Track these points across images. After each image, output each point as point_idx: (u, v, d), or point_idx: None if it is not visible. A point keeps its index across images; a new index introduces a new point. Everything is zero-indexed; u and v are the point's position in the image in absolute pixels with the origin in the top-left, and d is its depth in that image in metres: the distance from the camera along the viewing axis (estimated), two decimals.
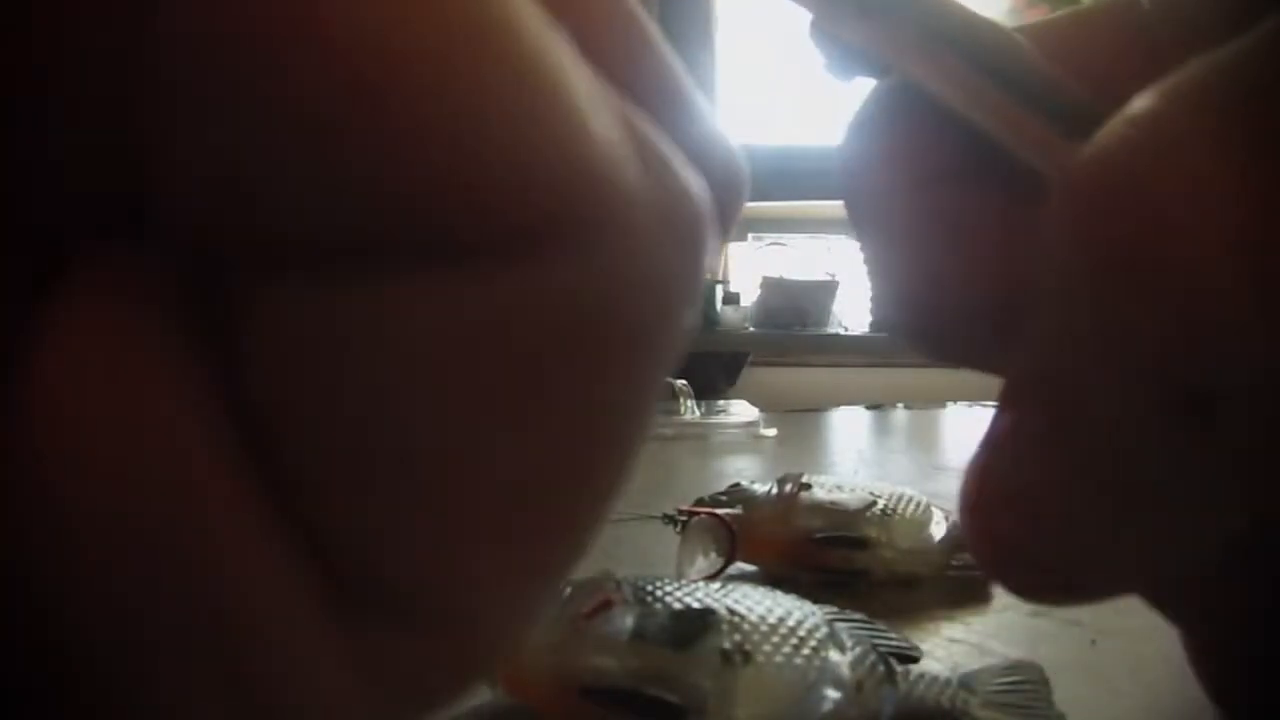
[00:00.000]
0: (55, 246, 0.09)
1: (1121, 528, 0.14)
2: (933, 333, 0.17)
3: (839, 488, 0.58)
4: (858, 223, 0.18)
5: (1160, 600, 0.16)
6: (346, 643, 0.10)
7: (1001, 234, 0.16)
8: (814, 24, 0.18)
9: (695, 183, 0.11)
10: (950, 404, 1.49)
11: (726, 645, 0.35)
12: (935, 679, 0.38)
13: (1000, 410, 0.15)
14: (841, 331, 2.17)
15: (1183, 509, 0.14)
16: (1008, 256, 0.16)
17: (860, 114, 0.18)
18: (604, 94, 0.10)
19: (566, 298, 0.09)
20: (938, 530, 0.57)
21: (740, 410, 1.21)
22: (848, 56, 0.18)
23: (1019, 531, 0.15)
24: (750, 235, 2.24)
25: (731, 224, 0.13)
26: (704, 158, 0.12)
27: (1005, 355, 0.16)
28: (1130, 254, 0.13)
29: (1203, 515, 0.14)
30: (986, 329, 0.16)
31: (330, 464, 0.09)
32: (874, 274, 0.18)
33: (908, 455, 1.18)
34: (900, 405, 1.44)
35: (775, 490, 0.57)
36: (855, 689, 0.36)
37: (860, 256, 0.18)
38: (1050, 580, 0.15)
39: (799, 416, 1.30)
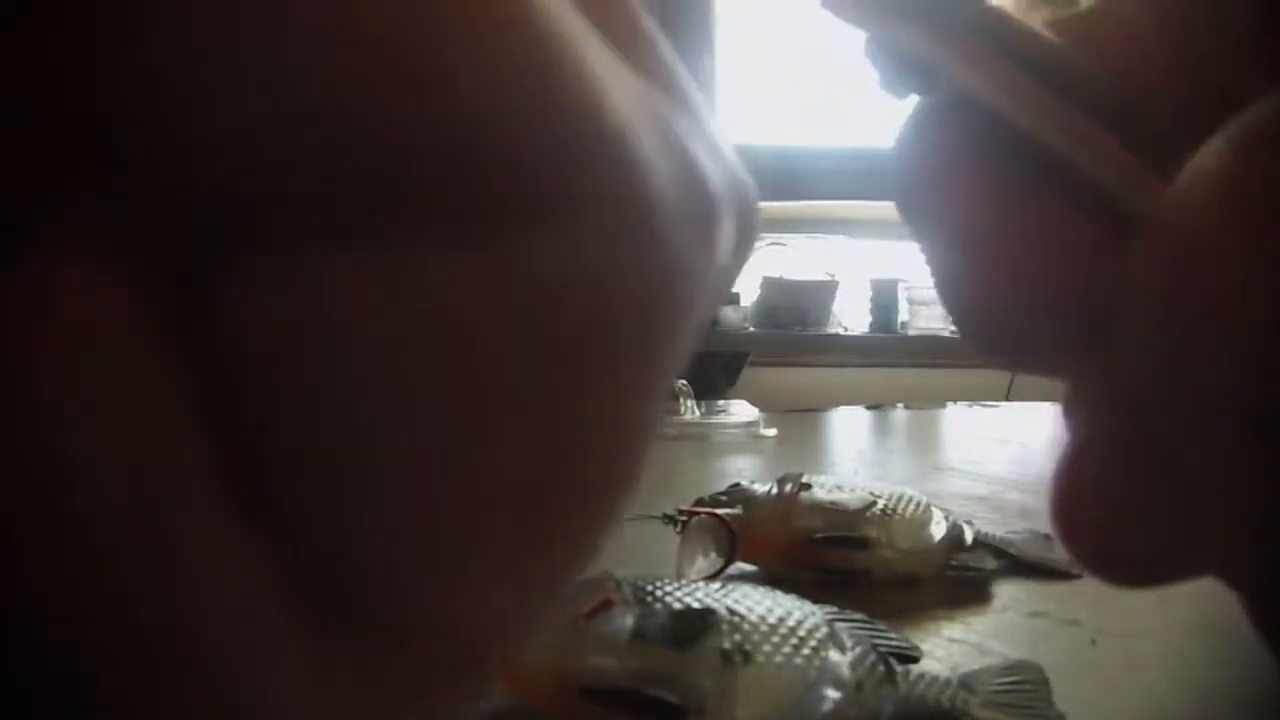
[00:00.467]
0: (20, 231, 0.08)
1: (1201, 527, 0.16)
2: (999, 342, 0.18)
3: (839, 488, 0.58)
4: (924, 231, 0.18)
5: (1233, 579, 0.17)
6: (327, 650, 0.09)
7: (1079, 252, 0.17)
8: (870, 40, 0.18)
9: (714, 175, 0.11)
10: (950, 404, 1.49)
11: (726, 645, 0.35)
12: (935, 679, 0.38)
13: (1078, 414, 0.17)
14: (841, 331, 2.16)
15: (1260, 511, 0.15)
16: (1084, 274, 0.16)
17: (921, 125, 0.18)
18: (624, 75, 0.10)
19: (570, 272, 0.09)
20: (938, 530, 0.57)
21: (740, 410, 1.21)
22: (905, 73, 0.18)
23: (1107, 529, 0.16)
24: None
25: (747, 244, 0.13)
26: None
27: (1077, 366, 0.17)
28: (1209, 308, 0.14)
29: (1274, 514, 0.15)
30: (1059, 341, 0.17)
31: (311, 462, 0.08)
32: (940, 282, 0.18)
33: (908, 455, 1.18)
34: (900, 405, 1.44)
35: (775, 490, 0.57)
36: (855, 689, 0.36)
37: (924, 261, 0.18)
38: (1134, 569, 0.17)
39: (799, 416, 1.30)
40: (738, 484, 0.59)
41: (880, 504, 0.56)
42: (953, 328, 0.19)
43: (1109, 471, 0.16)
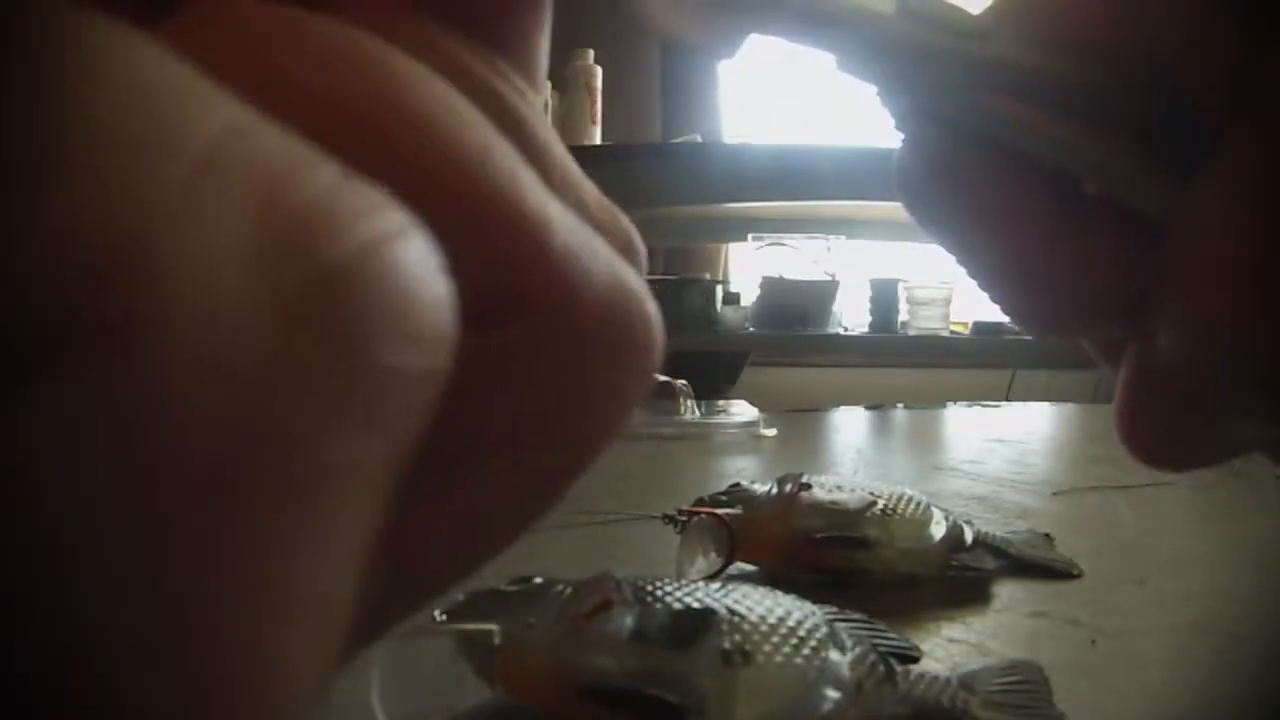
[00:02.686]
0: None
1: (1240, 446, 0.19)
2: (1043, 331, 0.20)
3: (839, 488, 0.58)
4: (957, 256, 0.20)
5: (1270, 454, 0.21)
6: None
7: (1113, 264, 0.19)
8: (881, 94, 0.18)
9: (433, 283, 0.09)
10: (950, 404, 1.49)
11: (726, 645, 0.35)
12: (935, 679, 0.38)
13: (1135, 365, 0.20)
14: (841, 331, 2.17)
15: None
16: (1121, 281, 0.19)
17: (943, 164, 0.19)
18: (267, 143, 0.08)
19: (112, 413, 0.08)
20: (938, 530, 0.57)
21: (740, 410, 1.21)
22: (918, 120, 0.19)
23: (1152, 443, 0.20)
24: (750, 235, 2.23)
25: (631, 354, 0.12)
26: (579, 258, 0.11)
27: (1115, 339, 0.20)
28: (1234, 342, 0.17)
29: None
30: (1104, 329, 0.20)
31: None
32: (994, 298, 0.20)
33: (908, 455, 1.18)
34: (900, 405, 1.44)
35: (775, 490, 0.57)
36: (855, 689, 0.36)
37: (969, 279, 0.20)
38: (1182, 464, 0.20)
39: (799, 416, 1.30)
40: (738, 484, 0.59)
41: (880, 504, 0.56)
42: (953, 329, 0.20)
43: (1149, 402, 0.20)
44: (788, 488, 0.57)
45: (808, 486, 0.57)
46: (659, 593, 0.37)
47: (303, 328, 0.08)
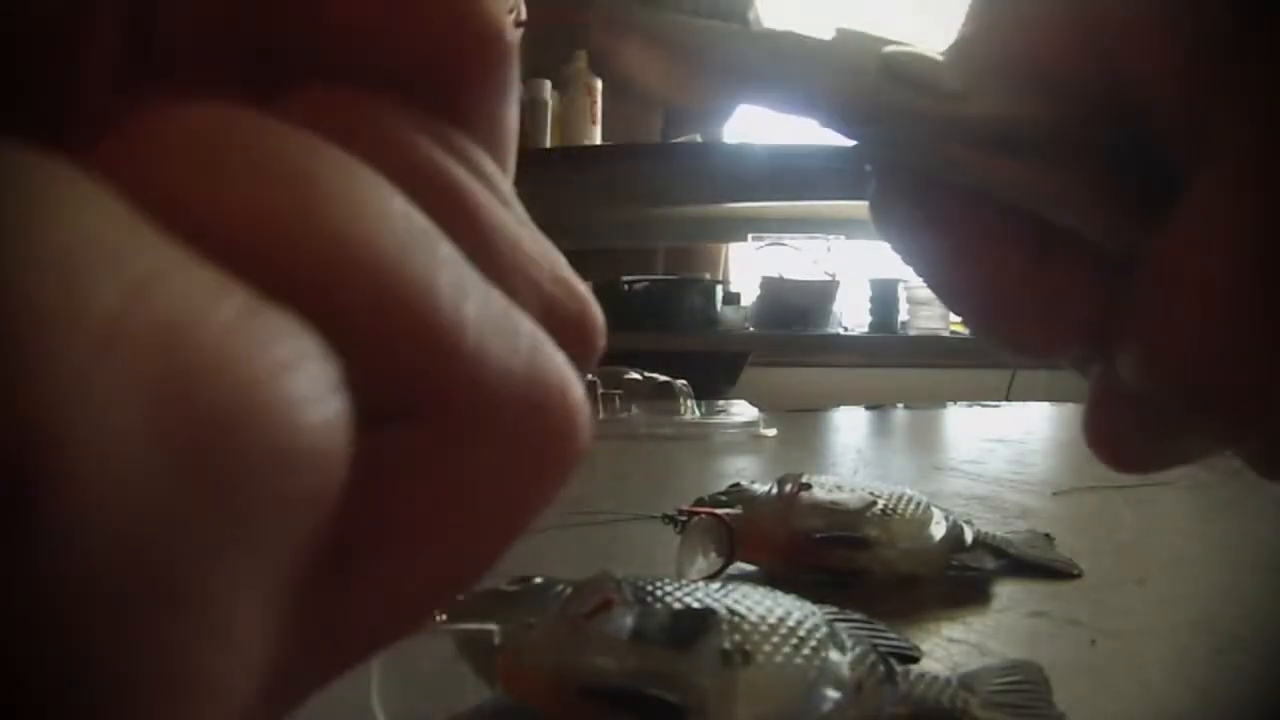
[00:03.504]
0: None
1: (1201, 453, 0.21)
2: (1016, 355, 0.21)
3: (839, 488, 0.58)
4: (953, 300, 0.21)
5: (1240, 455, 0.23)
6: None
7: (1084, 300, 0.20)
8: (859, 148, 0.19)
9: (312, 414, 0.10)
10: (950, 404, 1.49)
11: (726, 645, 0.35)
12: (935, 679, 0.38)
13: (1101, 380, 0.22)
14: (841, 331, 2.17)
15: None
16: (1089, 314, 0.20)
17: (919, 214, 0.20)
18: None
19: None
20: (938, 530, 0.57)
21: (740, 410, 1.21)
22: (897, 171, 0.20)
23: (1119, 450, 0.22)
24: (750, 235, 2.23)
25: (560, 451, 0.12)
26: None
27: (1082, 362, 0.22)
28: (1183, 381, 0.19)
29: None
30: (1073, 353, 0.22)
31: None
32: (971, 328, 0.21)
33: (908, 455, 1.18)
34: (900, 405, 1.44)
35: (775, 490, 0.57)
36: (855, 689, 0.36)
37: (951, 311, 0.22)
38: (1145, 469, 0.22)
39: (799, 416, 1.30)
40: (738, 484, 0.59)
41: (880, 504, 0.56)
42: (953, 329, 0.21)
43: (1115, 415, 0.22)
44: (788, 488, 0.57)
45: (808, 486, 0.57)
46: (659, 593, 0.37)
47: (190, 472, 0.09)
